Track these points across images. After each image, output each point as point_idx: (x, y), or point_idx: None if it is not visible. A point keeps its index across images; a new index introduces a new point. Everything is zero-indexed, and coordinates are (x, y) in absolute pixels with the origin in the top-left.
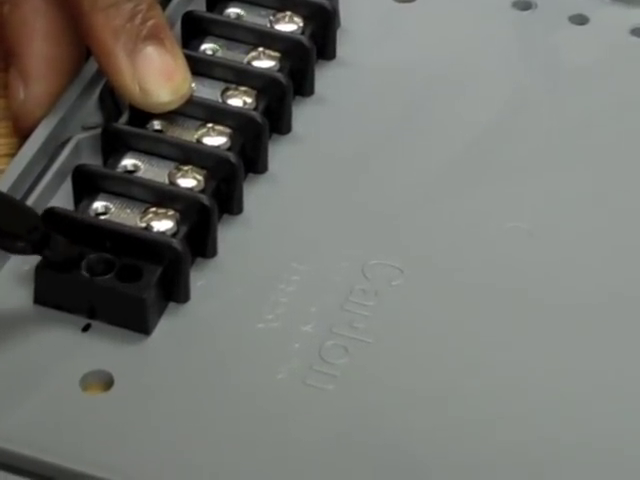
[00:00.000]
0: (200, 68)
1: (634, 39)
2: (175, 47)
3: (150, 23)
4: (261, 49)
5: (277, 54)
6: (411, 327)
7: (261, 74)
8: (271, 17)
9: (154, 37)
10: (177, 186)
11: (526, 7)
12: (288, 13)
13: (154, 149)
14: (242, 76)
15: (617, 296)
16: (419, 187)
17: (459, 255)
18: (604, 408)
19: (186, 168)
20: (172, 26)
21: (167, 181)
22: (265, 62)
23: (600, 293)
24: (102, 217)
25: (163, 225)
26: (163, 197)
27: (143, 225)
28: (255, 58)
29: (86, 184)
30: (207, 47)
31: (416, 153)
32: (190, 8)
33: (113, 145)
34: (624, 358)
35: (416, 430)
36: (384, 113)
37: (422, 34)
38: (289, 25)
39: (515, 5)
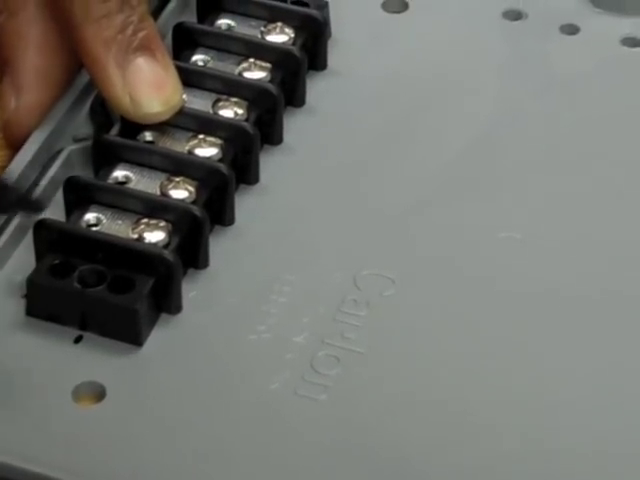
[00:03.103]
0: (191, 79)
1: (625, 49)
2: (166, 58)
3: (141, 34)
4: (252, 60)
5: (268, 65)
6: (403, 337)
7: (252, 85)
8: (262, 28)
9: (145, 48)
10: (169, 197)
11: (517, 17)
12: (279, 24)
13: (145, 160)
14: (233, 87)
15: (613, 303)
16: (411, 197)
17: (451, 265)
18: (606, 412)
19: (178, 179)
20: (163, 37)
21: (159, 192)
22: (256, 73)
23: (598, 302)
24: (94, 228)
25: (155, 236)
26: (155, 208)
27: (135, 236)
28: (246, 69)
29: (78, 195)
30: (198, 58)
31: (408, 163)
32: (181, 19)
33: (104, 156)
34: (622, 363)
35: (409, 440)
36: (375, 123)
37: (413, 44)
38: (280, 36)
39: (505, 15)
